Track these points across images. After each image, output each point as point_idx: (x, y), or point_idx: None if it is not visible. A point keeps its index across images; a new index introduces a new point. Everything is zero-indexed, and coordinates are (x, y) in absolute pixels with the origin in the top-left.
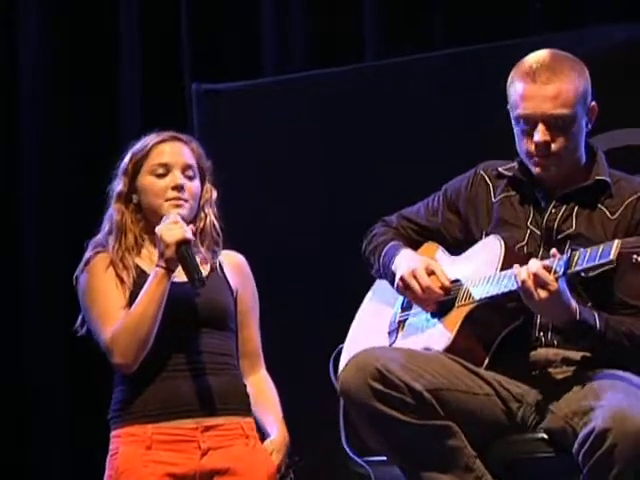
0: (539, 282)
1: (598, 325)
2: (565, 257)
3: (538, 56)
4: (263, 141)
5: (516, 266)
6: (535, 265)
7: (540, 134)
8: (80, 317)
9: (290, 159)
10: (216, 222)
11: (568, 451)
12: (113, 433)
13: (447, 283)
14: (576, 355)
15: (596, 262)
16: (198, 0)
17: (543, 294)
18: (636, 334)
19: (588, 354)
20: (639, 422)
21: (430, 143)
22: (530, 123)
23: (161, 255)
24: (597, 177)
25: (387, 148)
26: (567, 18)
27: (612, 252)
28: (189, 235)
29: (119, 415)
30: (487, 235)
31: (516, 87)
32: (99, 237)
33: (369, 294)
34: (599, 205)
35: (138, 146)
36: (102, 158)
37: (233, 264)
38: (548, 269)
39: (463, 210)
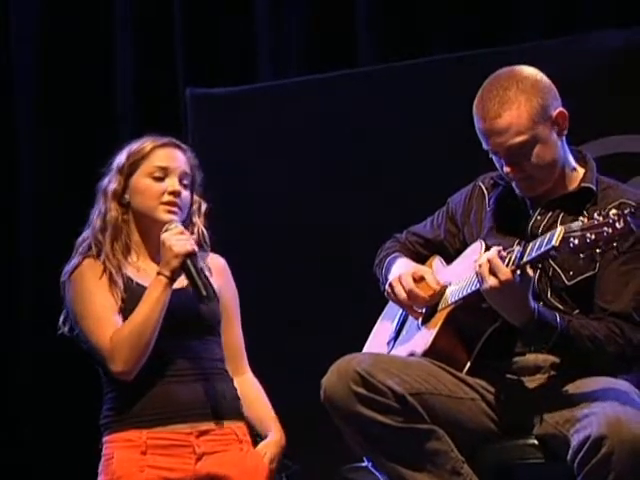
0: (491, 268)
1: (559, 326)
2: (520, 248)
3: (486, 87)
4: (258, 146)
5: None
6: (492, 252)
7: (506, 167)
8: (62, 316)
9: (285, 164)
10: (205, 232)
11: (558, 457)
12: (107, 438)
13: (436, 287)
14: None
15: (542, 250)
16: (193, 3)
17: (493, 281)
18: (599, 337)
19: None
20: (635, 429)
21: (427, 148)
22: (496, 154)
23: (166, 264)
24: (583, 184)
25: (383, 153)
26: (563, 24)
27: (555, 238)
28: (195, 247)
29: (114, 421)
30: None
31: (475, 120)
32: (88, 235)
33: (383, 312)
34: (584, 212)
35: (136, 146)
36: (97, 161)
37: (215, 267)
38: (503, 258)
39: (460, 222)
